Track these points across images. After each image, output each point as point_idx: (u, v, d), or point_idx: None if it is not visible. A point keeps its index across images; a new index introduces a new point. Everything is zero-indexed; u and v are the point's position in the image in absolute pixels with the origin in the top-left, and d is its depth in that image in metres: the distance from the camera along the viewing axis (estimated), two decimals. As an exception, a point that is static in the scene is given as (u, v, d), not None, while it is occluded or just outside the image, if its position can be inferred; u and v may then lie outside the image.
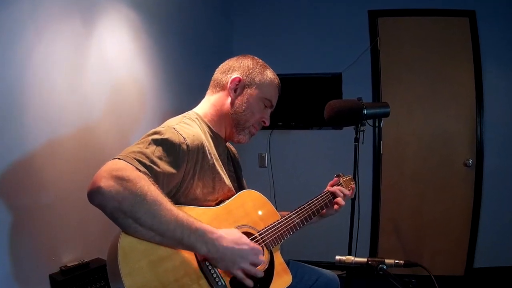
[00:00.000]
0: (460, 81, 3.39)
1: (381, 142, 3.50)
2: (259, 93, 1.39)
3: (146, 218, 0.98)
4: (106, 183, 0.94)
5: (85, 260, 1.66)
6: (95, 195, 0.94)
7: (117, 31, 2.02)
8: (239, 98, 1.38)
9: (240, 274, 1.15)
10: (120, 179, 0.96)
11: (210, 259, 1.11)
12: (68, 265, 1.60)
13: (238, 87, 1.38)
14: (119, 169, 0.98)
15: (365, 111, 1.96)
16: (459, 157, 3.40)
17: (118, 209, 0.95)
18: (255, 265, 1.19)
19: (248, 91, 1.38)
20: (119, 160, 1.02)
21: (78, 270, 1.59)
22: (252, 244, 1.20)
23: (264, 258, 1.27)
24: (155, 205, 0.99)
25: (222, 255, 1.10)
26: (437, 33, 3.41)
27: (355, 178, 1.92)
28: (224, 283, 1.13)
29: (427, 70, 3.42)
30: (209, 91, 1.44)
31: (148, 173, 1.04)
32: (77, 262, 1.62)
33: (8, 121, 1.39)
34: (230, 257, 1.12)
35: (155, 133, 1.15)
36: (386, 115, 2.08)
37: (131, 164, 1.02)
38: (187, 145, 1.17)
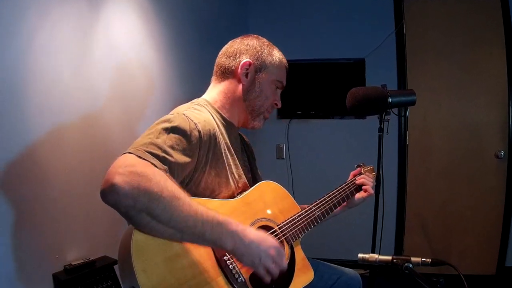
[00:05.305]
0: (491, 67, 3.28)
1: (407, 132, 3.44)
2: (271, 75, 1.37)
3: (164, 215, 0.94)
4: (119, 180, 0.90)
5: (91, 258, 1.66)
6: (109, 194, 0.90)
7: (125, 14, 2.00)
8: (251, 83, 1.35)
9: (262, 271, 1.11)
10: (133, 175, 0.92)
11: (236, 253, 1.07)
12: (73, 263, 1.59)
13: (249, 71, 1.34)
14: (131, 164, 0.94)
15: (390, 99, 1.91)
16: (490, 148, 3.30)
17: (133, 207, 0.91)
18: (278, 266, 1.14)
19: (260, 75, 1.35)
20: (130, 154, 0.99)
21: (83, 269, 1.59)
22: (279, 246, 1.15)
23: (286, 259, 1.23)
24: (173, 201, 0.95)
25: (249, 249, 1.06)
26: (466, 16, 3.31)
27: (379, 170, 1.94)
28: (244, 280, 1.13)
29: (456, 56, 3.34)
30: (214, 78, 1.41)
31: (163, 165, 1.01)
32: (82, 261, 1.62)
33: (8, 110, 1.38)
34: (257, 252, 1.07)
35: (165, 121, 1.12)
36: (412, 103, 2.04)
37: (143, 158, 0.98)
38: (199, 131, 1.14)
